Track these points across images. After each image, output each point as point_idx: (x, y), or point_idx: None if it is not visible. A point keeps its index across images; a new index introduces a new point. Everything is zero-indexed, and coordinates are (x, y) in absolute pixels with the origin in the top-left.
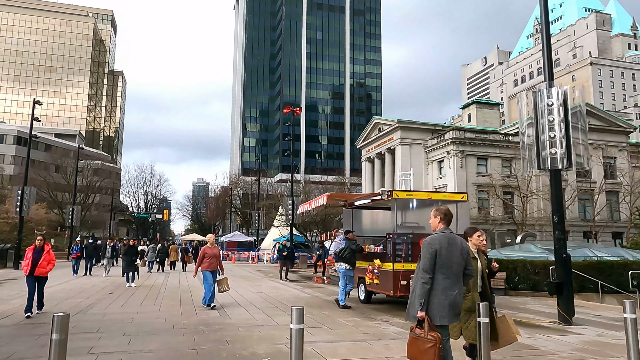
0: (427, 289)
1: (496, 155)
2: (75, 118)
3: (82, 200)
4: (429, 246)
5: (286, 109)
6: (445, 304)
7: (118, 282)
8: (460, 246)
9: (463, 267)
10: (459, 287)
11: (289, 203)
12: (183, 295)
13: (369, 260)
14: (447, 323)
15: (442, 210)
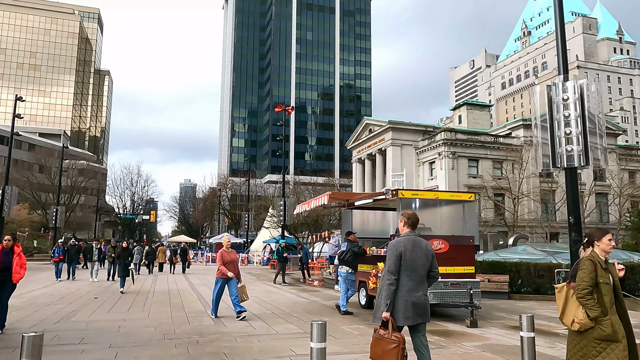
0: (392, 290)
1: (487, 156)
2: (60, 117)
3: (67, 201)
4: (394, 249)
5: (278, 107)
6: (408, 305)
7: (104, 286)
8: (425, 249)
9: (428, 269)
10: (423, 289)
11: (280, 204)
12: (173, 300)
13: (372, 263)
14: (410, 324)
15: (407, 215)
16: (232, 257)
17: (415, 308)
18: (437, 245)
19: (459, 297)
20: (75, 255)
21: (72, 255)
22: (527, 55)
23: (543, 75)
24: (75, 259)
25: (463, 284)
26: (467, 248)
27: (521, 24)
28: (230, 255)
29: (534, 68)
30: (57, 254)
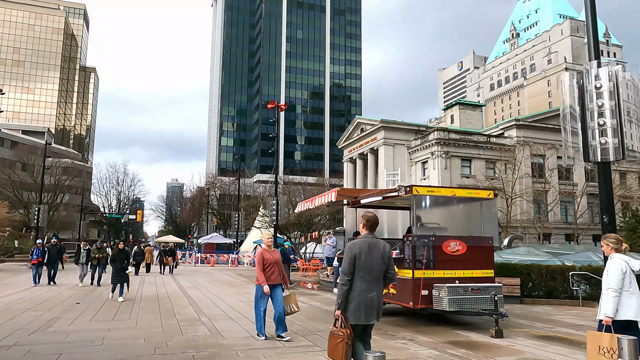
0: (345, 290)
1: (480, 156)
2: (44, 115)
3: (50, 200)
4: (349, 250)
5: (270, 104)
6: (361, 305)
7: (87, 290)
8: (382, 251)
9: (384, 270)
10: (377, 290)
11: (272, 203)
12: (163, 305)
13: None
14: (362, 323)
15: (367, 217)
16: (276, 258)
17: (367, 308)
18: (454, 247)
19: (481, 304)
20: (56, 256)
21: (52, 256)
22: (515, 57)
23: (532, 77)
24: (56, 260)
25: (485, 289)
26: (486, 250)
27: (510, 26)
28: (274, 255)
29: (522, 70)
30: (35, 255)
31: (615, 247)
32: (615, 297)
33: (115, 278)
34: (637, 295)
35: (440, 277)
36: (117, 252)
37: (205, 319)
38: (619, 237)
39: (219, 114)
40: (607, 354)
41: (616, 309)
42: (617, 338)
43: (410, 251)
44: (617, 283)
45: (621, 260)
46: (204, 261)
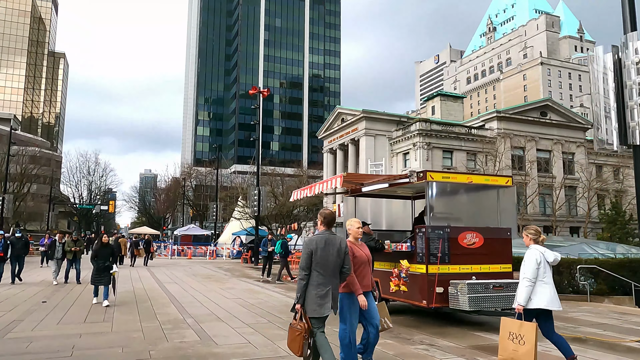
0: (303, 284)
1: (461, 148)
2: (10, 101)
3: (16, 189)
4: (306, 246)
5: (252, 89)
6: (316, 298)
7: (58, 288)
8: (337, 246)
9: (340, 265)
10: (333, 284)
11: (254, 194)
12: (141, 304)
13: (393, 261)
14: (318, 315)
15: (324, 214)
16: (368, 255)
17: (323, 301)
18: (470, 239)
19: (503, 303)
20: (22, 250)
21: (17, 250)
22: (492, 50)
23: (508, 71)
24: (22, 255)
25: (507, 287)
26: (504, 242)
27: (487, 20)
28: (364, 250)
29: (498, 64)
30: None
31: (534, 238)
32: (528, 287)
33: (97, 279)
34: (550, 286)
35: (455, 273)
36: (99, 247)
37: (191, 320)
38: (538, 228)
39: (194, 103)
40: (515, 339)
41: (529, 298)
42: (524, 325)
43: (424, 244)
44: (532, 273)
45: (537, 252)
46: (180, 253)
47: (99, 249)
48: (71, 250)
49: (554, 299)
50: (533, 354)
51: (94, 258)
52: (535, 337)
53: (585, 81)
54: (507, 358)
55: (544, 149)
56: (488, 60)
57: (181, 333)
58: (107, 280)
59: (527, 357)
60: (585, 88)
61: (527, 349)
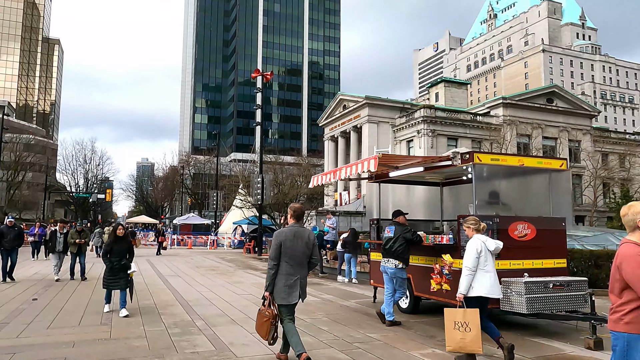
0: (272, 273)
1: (467, 135)
2: (3, 88)
3: (10, 178)
4: (276, 238)
5: (255, 72)
6: (285, 287)
7: (48, 283)
8: (306, 239)
9: (308, 256)
10: (300, 273)
11: (257, 181)
12: (143, 303)
13: (433, 255)
14: (286, 303)
15: (293, 208)
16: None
17: (291, 290)
18: (521, 231)
19: (569, 304)
20: (14, 242)
21: (9, 242)
22: (492, 38)
23: (509, 58)
24: (15, 248)
25: (569, 285)
26: (558, 234)
27: (487, 6)
28: None
29: (499, 51)
30: None
31: (475, 228)
32: (469, 276)
33: (112, 281)
34: (491, 274)
35: (506, 269)
36: (113, 241)
37: (201, 322)
38: (477, 218)
39: (192, 91)
40: (461, 328)
41: (470, 286)
42: (467, 312)
43: None
44: (472, 262)
45: (478, 241)
46: (180, 243)
47: (112, 243)
48: (75, 243)
49: (494, 286)
50: (478, 339)
51: (106, 255)
52: (479, 322)
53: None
54: (456, 348)
55: (550, 137)
56: (489, 48)
57: (192, 340)
58: (124, 283)
59: (474, 343)
60: (587, 76)
61: (473, 334)
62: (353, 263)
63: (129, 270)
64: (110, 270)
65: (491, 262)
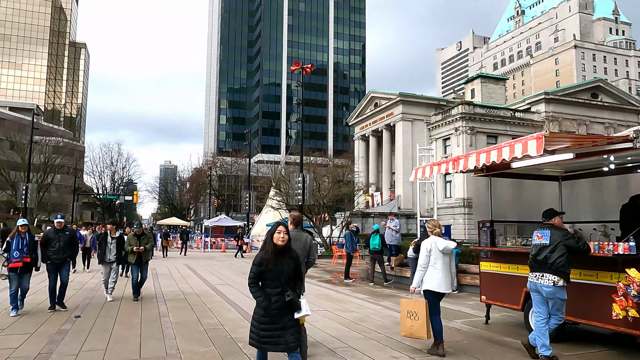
0: None
1: (507, 132)
2: (32, 92)
3: (40, 180)
4: None
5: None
6: None
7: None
8: (303, 242)
9: (305, 256)
10: None
11: (298, 180)
12: (203, 318)
13: (609, 269)
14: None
15: (293, 216)
16: None
17: None
18: None
19: None
20: (65, 252)
21: (59, 253)
22: (520, 35)
23: (538, 55)
24: (65, 260)
25: None
26: None
27: (515, 3)
28: None
29: (527, 48)
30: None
31: (431, 230)
32: (420, 272)
33: (271, 334)
34: (440, 271)
35: None
36: (271, 258)
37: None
38: (436, 222)
39: (217, 92)
40: (411, 317)
41: (421, 281)
42: (417, 302)
43: None
44: (423, 260)
45: (430, 241)
46: (212, 246)
47: (268, 262)
48: (133, 251)
49: (441, 282)
50: (426, 326)
51: (256, 283)
52: (425, 312)
53: (621, 64)
54: (407, 333)
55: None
56: (516, 45)
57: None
58: (295, 339)
59: (421, 330)
60: (621, 72)
61: (420, 323)
62: None
63: (300, 314)
64: (266, 313)
65: (440, 260)
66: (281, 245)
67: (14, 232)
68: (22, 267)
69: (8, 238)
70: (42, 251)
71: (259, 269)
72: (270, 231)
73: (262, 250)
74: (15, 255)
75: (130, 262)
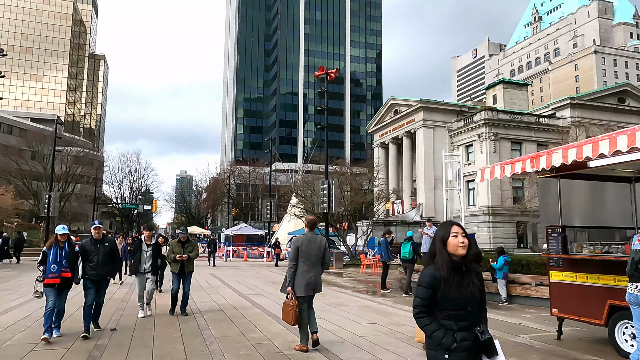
0: (292, 272)
1: (531, 139)
2: (53, 103)
3: (61, 189)
4: (294, 244)
5: (319, 69)
6: (303, 282)
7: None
8: (318, 244)
9: (321, 257)
10: (315, 271)
11: (323, 188)
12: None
13: None
14: (303, 294)
15: (308, 219)
16: None
17: (307, 284)
18: None
19: None
20: (104, 267)
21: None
22: (537, 41)
23: (557, 61)
24: (104, 277)
25: None
26: None
27: (531, 9)
28: None
29: (545, 54)
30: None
31: None
32: None
33: None
34: None
35: None
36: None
37: None
38: None
39: (234, 101)
40: None
41: None
42: None
43: None
44: None
45: None
46: (233, 255)
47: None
48: (176, 260)
49: None
50: None
51: None
52: None
53: None
54: (420, 339)
55: None
56: (534, 52)
57: None
58: None
59: None
60: None
61: None
62: None
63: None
64: (450, 356)
65: None
66: (462, 254)
67: (52, 242)
68: (60, 283)
69: (45, 248)
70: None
71: (430, 292)
72: (439, 235)
73: (429, 265)
74: (53, 269)
75: (173, 271)
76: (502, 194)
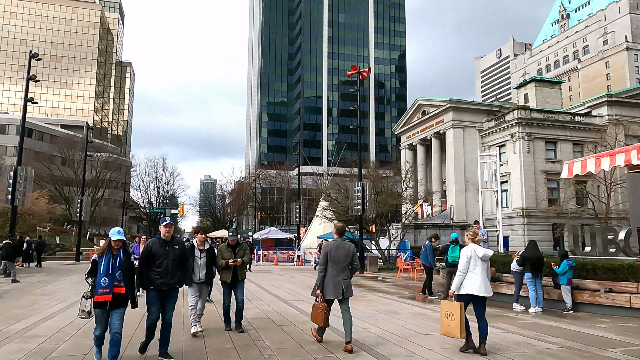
0: (321, 276)
1: (567, 138)
2: (82, 110)
3: (91, 194)
4: (324, 249)
5: (352, 69)
6: (331, 285)
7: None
8: (347, 249)
9: (349, 262)
10: (343, 275)
11: (357, 190)
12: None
13: None
14: (332, 297)
15: (337, 226)
16: None
17: (336, 288)
18: None
19: None
20: (175, 274)
21: (168, 275)
22: (566, 39)
23: (586, 59)
24: (174, 287)
25: None
26: None
27: (559, 7)
28: None
29: (574, 52)
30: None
31: (472, 238)
32: (460, 277)
33: None
34: (479, 276)
35: None
36: None
37: None
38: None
39: (258, 105)
40: (449, 317)
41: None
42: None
43: None
44: (463, 266)
45: (469, 248)
46: (262, 259)
47: None
48: (228, 266)
49: (482, 286)
50: (459, 327)
51: None
52: (460, 314)
53: None
54: (445, 332)
55: None
56: (562, 50)
57: None
58: None
59: (455, 330)
60: None
61: (456, 323)
62: (538, 286)
63: None
64: None
65: (480, 266)
66: None
67: (104, 248)
68: (112, 300)
69: (95, 256)
70: (142, 274)
71: None
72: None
73: None
74: (103, 283)
75: (224, 280)
76: (537, 195)
